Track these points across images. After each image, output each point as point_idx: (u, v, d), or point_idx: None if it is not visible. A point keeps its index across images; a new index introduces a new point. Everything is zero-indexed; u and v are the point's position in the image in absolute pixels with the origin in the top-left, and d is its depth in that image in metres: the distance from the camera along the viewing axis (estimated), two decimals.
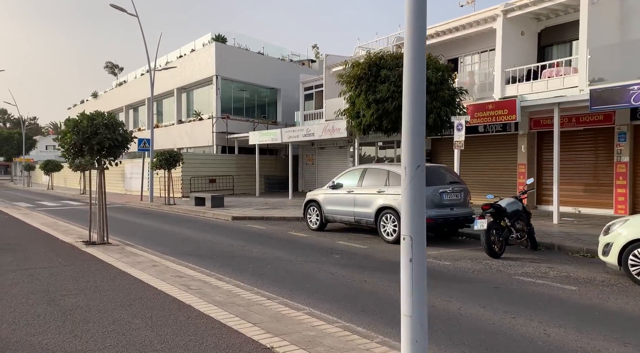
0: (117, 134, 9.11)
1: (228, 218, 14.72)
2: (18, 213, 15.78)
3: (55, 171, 36.66)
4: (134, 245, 9.15)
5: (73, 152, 9.11)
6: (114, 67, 51.42)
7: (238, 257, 8.44)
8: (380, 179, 10.31)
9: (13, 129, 62.84)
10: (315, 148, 25.80)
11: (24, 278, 6.13)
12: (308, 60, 33.10)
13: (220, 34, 27.20)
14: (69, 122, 8.97)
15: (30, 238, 9.77)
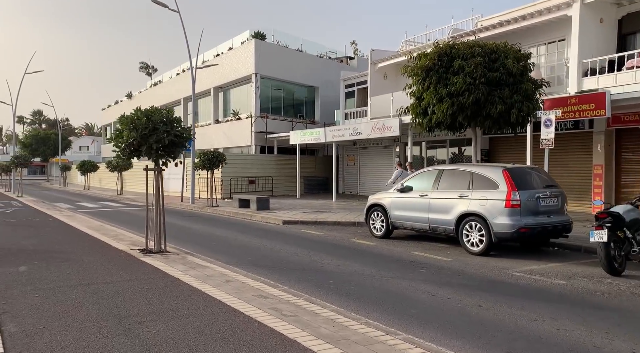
0: (176, 131, 8.33)
1: (279, 222, 13.85)
2: (61, 215, 15.30)
3: (91, 172, 36.73)
4: (194, 254, 8.32)
5: (129, 151, 8.36)
6: (148, 68, 51.57)
7: (311, 270, 7.51)
8: (461, 182, 9.22)
9: (49, 130, 63.94)
10: (357, 147, 24.78)
11: (88, 296, 5.33)
12: (346, 57, 32.10)
13: (260, 31, 26.45)
14: (125, 119, 8.22)
15: (81, 245, 9.07)
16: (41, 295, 5.35)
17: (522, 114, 10.58)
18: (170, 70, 39.02)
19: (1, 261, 7.31)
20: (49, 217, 14.61)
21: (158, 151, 8.31)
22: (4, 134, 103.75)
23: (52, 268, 6.83)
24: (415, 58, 11.86)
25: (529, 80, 10.78)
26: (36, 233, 10.88)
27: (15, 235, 10.52)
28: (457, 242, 9.33)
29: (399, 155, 22.26)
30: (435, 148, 21.04)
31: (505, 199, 8.33)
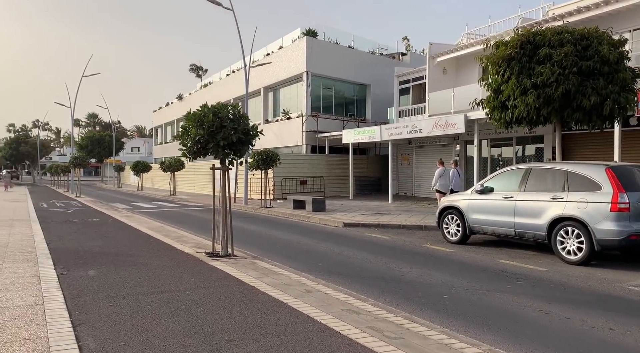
0: (244, 128, 7.86)
1: (338, 225, 13.23)
2: (120, 216, 15.34)
3: (144, 172, 37.53)
4: (262, 258, 7.82)
5: (195, 150, 7.98)
6: (198, 70, 52.43)
7: (391, 280, 6.82)
8: (554, 182, 8.25)
9: (103, 132, 66.40)
10: (413, 146, 23.83)
11: (164, 307, 4.87)
12: (399, 53, 31.14)
13: (311, 28, 25.99)
14: (192, 116, 7.84)
15: (146, 247, 8.79)
16: (115, 303, 4.95)
17: (619, 106, 9.45)
18: (220, 71, 39.37)
19: (69, 264, 7.06)
20: (108, 217, 14.65)
21: (225, 150, 7.87)
22: (62, 136, 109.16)
23: (122, 272, 6.48)
24: (492, 47, 10.91)
25: (627, 68, 9.62)
26: (99, 234, 10.76)
27: (79, 235, 10.43)
28: (546, 249, 8.39)
29: (459, 154, 21.17)
30: (500, 146, 19.81)
31: (610, 202, 7.32)
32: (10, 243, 8.89)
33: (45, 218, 14.15)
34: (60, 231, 11.08)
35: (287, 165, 23.42)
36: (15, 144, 62.18)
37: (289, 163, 23.73)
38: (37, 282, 5.78)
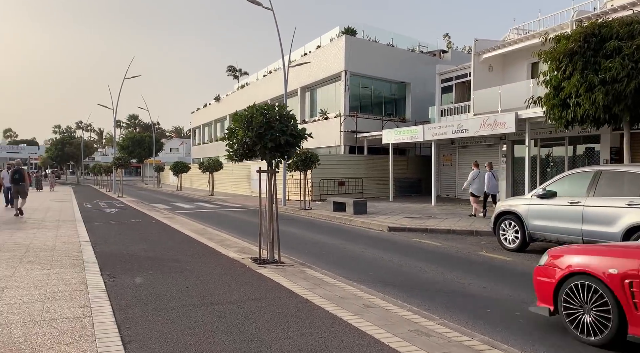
0: (292, 130, 7.52)
1: (383, 229, 12.74)
2: (162, 217, 15.34)
3: (183, 173, 38.04)
4: (310, 266, 7.45)
5: (242, 152, 7.69)
6: (235, 71, 52.87)
7: (453, 293, 6.31)
8: (630, 187, 7.51)
9: (143, 133, 68.07)
10: (456, 146, 22.99)
11: (216, 322, 4.55)
12: (439, 50, 30.25)
13: (350, 27, 25.52)
14: (239, 117, 7.56)
15: (191, 251, 8.57)
16: (165, 317, 4.66)
17: None
18: (257, 72, 39.45)
19: (116, 270, 6.89)
20: (151, 219, 14.66)
21: (272, 152, 7.54)
22: (104, 137, 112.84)
23: (169, 280, 6.24)
24: (552, 41, 10.15)
25: None
26: (143, 236, 10.68)
27: (123, 238, 10.37)
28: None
29: (506, 154, 20.23)
30: (550, 146, 18.78)
31: None
32: (57, 246, 8.87)
33: (89, 219, 14.30)
34: (105, 233, 11.07)
35: (325, 166, 23.05)
36: (60, 145, 64.61)
37: (326, 163, 23.37)
38: (85, 290, 5.59)
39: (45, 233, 10.73)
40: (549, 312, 4.75)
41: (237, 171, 32.33)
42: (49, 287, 5.69)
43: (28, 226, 12.18)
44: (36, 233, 10.72)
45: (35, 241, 9.51)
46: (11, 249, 8.48)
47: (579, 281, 4.46)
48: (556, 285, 4.66)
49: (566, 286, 4.58)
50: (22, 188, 15.06)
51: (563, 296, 4.59)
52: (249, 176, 29.98)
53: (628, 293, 4.04)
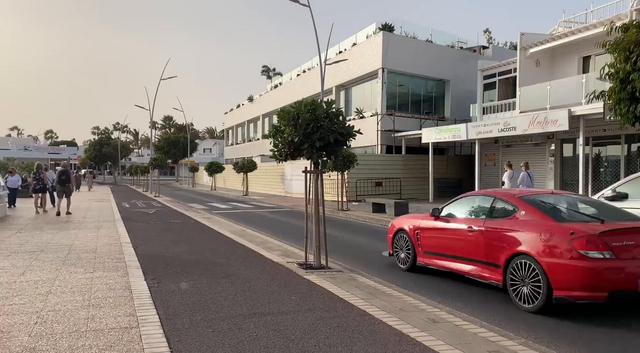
0: (340, 127, 7.08)
1: None
2: (200, 217, 15.21)
3: (217, 173, 38.25)
4: (360, 272, 6.99)
5: (287, 151, 7.31)
6: (269, 71, 52.97)
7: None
8: None
9: (178, 134, 69.16)
10: (499, 145, 22.03)
11: (271, 336, 4.15)
12: (479, 46, 29.21)
13: (388, 23, 24.90)
14: (286, 115, 7.16)
15: (233, 255, 8.26)
16: (215, 329, 4.30)
17: None
18: (290, 72, 39.26)
19: (159, 274, 6.62)
20: (189, 219, 14.53)
21: (320, 151, 7.12)
22: (139, 138, 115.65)
23: (215, 286, 5.90)
24: (619, 30, 9.34)
25: None
26: (183, 237, 10.47)
27: (164, 239, 10.18)
28: None
29: (554, 154, 19.22)
30: (604, 145, 17.67)
31: None
32: (99, 248, 8.72)
33: (128, 219, 14.28)
34: (145, 234, 10.93)
35: (361, 166, 22.51)
36: (98, 146, 66.35)
37: (363, 163, 22.83)
38: (129, 296, 5.31)
39: (86, 234, 10.67)
40: (389, 254, 8.11)
41: (270, 171, 32.22)
42: (92, 293, 5.44)
43: (70, 226, 12.21)
44: (77, 234, 10.67)
45: (77, 242, 9.42)
46: (54, 250, 8.38)
47: (400, 233, 7.78)
48: (392, 237, 7.97)
49: (395, 237, 7.90)
50: (68, 188, 15.46)
51: (394, 243, 7.93)
52: (283, 177, 29.78)
53: (414, 238, 7.42)
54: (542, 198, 6.16)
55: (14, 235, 10.48)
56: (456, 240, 6.59)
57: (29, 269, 6.71)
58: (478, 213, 6.57)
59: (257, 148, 44.54)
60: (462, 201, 7.16)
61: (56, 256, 7.73)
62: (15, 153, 64.40)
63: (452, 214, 7.00)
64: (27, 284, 5.80)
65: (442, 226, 6.95)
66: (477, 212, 6.63)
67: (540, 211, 5.66)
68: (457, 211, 6.97)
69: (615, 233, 5.10)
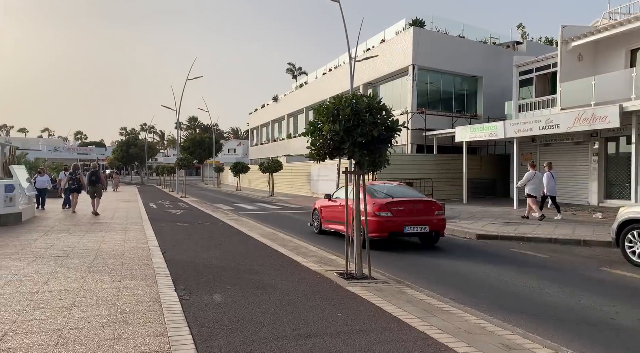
0: (384, 122, 6.47)
1: (470, 236, 11.38)
2: (228, 219, 14.78)
3: (242, 173, 38.00)
4: (407, 284, 6.34)
5: (327, 150, 6.73)
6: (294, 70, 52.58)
7: (604, 326, 4.99)
8: None
9: (203, 134, 69.48)
10: (537, 144, 21.00)
11: None
12: (513, 42, 28.08)
13: (418, 18, 24.07)
14: (324, 110, 6.60)
15: (267, 261, 7.71)
16: None
17: None
18: (316, 70, 38.73)
19: (190, 283, 6.12)
20: (218, 221, 14.10)
21: (362, 149, 6.53)
22: (165, 139, 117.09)
23: (251, 299, 5.36)
24: None
25: None
26: (213, 241, 10.00)
27: (193, 243, 9.73)
28: None
29: (598, 152, 18.12)
30: None
31: None
32: (126, 252, 8.31)
33: (156, 221, 13.96)
34: (173, 237, 10.52)
35: (391, 166, 21.66)
36: (126, 146, 67.22)
37: (393, 163, 21.86)
38: (159, 311, 4.80)
39: (113, 237, 10.32)
40: (309, 224, 12.40)
41: (296, 171, 31.74)
42: (119, 306, 4.95)
43: (97, 228, 11.91)
44: (105, 237, 10.33)
45: (104, 245, 9.05)
46: (80, 255, 8.00)
47: (315, 210, 11.98)
48: (312, 213, 12.25)
49: (313, 213, 12.15)
50: (98, 188, 15.83)
51: (312, 217, 12.29)
52: (309, 177, 29.25)
53: (320, 213, 11.64)
54: (374, 187, 10.54)
55: (40, 237, 10.20)
56: (336, 212, 10.73)
57: (53, 276, 6.30)
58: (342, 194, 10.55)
59: (281, 147, 44.17)
60: (341, 189, 11.04)
61: (82, 262, 7.33)
62: (46, 153, 65.83)
63: (338, 197, 11.16)
64: (49, 295, 5.37)
65: (331, 205, 11.33)
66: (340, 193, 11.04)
67: (369, 195, 8.76)
68: (339, 196, 11.12)
69: (394, 203, 9.52)
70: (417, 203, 9.90)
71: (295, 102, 41.08)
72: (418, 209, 9.73)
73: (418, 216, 9.56)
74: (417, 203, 9.90)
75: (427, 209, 9.80)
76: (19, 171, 15.37)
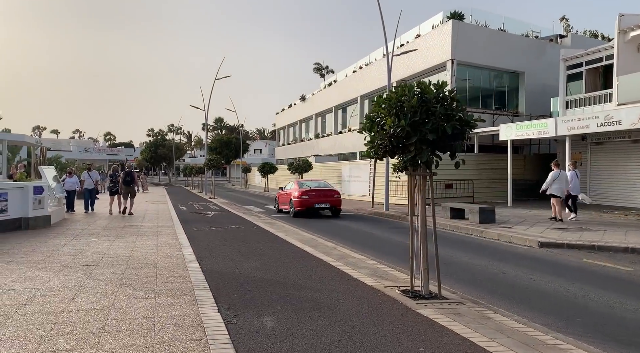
0: (460, 115, 5.57)
1: (531, 244, 10.29)
2: (261, 222, 14.04)
3: (270, 174, 37.40)
4: (486, 305, 5.40)
5: (387, 149, 5.86)
6: (322, 69, 51.78)
7: None
8: None
9: (230, 135, 69.41)
10: (588, 143, 19.58)
11: None
12: (556, 35, 26.57)
13: (457, 11, 22.89)
14: (386, 101, 5.71)
15: (314, 273, 6.87)
16: None
17: None
18: (345, 69, 37.82)
19: (234, 301, 5.33)
20: (251, 225, 13.37)
21: (431, 146, 5.64)
22: (192, 140, 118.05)
23: (308, 324, 4.52)
24: None
25: None
26: (250, 248, 9.24)
27: (229, 250, 8.99)
28: None
29: None
30: None
31: None
32: (160, 261, 7.61)
33: (188, 224, 13.33)
34: (208, 243, 9.80)
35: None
36: (154, 147, 67.72)
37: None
38: (204, 340, 4.01)
39: (145, 242, 9.67)
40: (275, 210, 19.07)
41: (326, 171, 30.91)
42: (156, 332, 4.18)
43: (127, 232, 11.32)
44: (136, 242, 9.69)
45: (135, 252, 8.38)
46: (110, 263, 7.33)
47: (276, 198, 19.71)
48: (274, 200, 20.15)
49: (274, 200, 20.20)
50: (132, 189, 16.18)
51: (274, 202, 19.99)
52: (340, 177, 28.37)
53: (277, 199, 19.35)
54: (302, 181, 17.96)
55: (69, 242, 9.64)
56: (284, 198, 17.64)
57: (80, 291, 5.61)
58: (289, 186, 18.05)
59: (309, 148, 43.43)
60: (289, 183, 18.28)
61: (112, 273, 6.64)
62: (76, 154, 66.89)
63: (286, 189, 18.06)
64: (76, 316, 4.64)
65: (282, 193, 18.16)
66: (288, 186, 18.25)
67: (298, 185, 17.05)
68: (287, 188, 18.17)
69: (310, 191, 16.62)
70: (324, 190, 17.13)
71: (324, 102, 40.26)
72: (324, 194, 16.87)
73: (324, 198, 16.73)
74: (324, 190, 17.13)
75: (329, 194, 16.96)
76: (48, 171, 14.97)
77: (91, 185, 17.42)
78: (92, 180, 17.52)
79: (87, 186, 17.27)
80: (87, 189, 17.18)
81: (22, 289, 5.67)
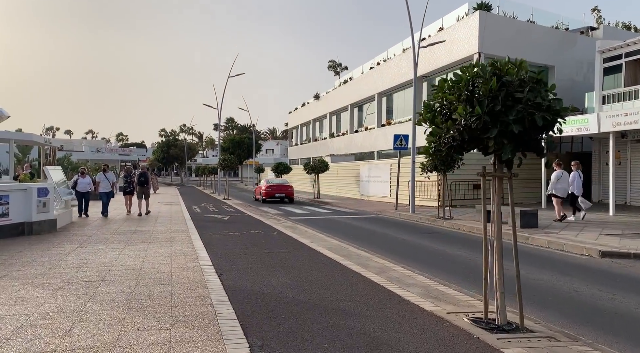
0: (550, 102, 4.48)
1: (590, 253, 9.12)
2: (281, 226, 13.00)
3: (284, 173, 36.42)
4: (581, 339, 4.28)
5: (456, 143, 4.78)
6: (336, 66, 50.67)
7: None
8: None
9: (242, 135, 68.65)
10: (628, 140, 18.27)
11: None
12: (587, 27, 25.17)
13: (484, 1, 21.63)
14: (455, 84, 4.64)
15: (357, 293, 5.79)
16: None
17: None
18: (361, 65, 36.69)
19: (265, 331, 4.29)
20: (272, 229, 12.33)
21: (515, 141, 4.55)
22: (204, 140, 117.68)
23: None
24: None
25: None
26: (276, 258, 8.19)
27: (252, 261, 7.95)
28: None
29: None
30: None
31: None
32: (174, 275, 6.59)
33: (203, 228, 12.34)
34: (227, 251, 8.78)
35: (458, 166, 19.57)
36: (166, 147, 67.24)
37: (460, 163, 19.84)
38: None
39: (157, 250, 8.68)
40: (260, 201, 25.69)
41: (343, 171, 29.84)
42: None
43: (138, 238, 10.35)
44: (147, 250, 8.71)
45: (146, 264, 7.38)
46: (118, 279, 6.33)
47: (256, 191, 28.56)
48: (255, 193, 28.43)
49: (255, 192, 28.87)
50: (147, 189, 16.30)
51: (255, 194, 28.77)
52: (358, 178, 27.26)
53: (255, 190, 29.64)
54: (270, 180, 26.91)
55: (74, 250, 8.68)
56: (257, 190, 26.79)
57: (79, 319, 4.60)
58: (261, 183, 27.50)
59: (323, 147, 42.36)
60: (262, 181, 28.61)
61: (119, 291, 5.64)
62: (89, 154, 66.59)
63: (259, 184, 29.13)
64: None
65: (257, 187, 27.67)
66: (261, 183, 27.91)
67: (266, 182, 26.24)
68: (260, 183, 28.90)
69: (272, 185, 25.27)
70: (282, 185, 25.07)
71: (339, 100, 39.15)
72: (282, 187, 24.80)
73: (281, 190, 24.57)
74: (282, 185, 25.07)
75: (285, 187, 24.86)
76: (54, 172, 14.06)
77: (108, 188, 15.67)
78: (109, 182, 15.80)
79: (104, 189, 15.56)
80: (104, 193, 15.47)
81: (9, 316, 4.67)
